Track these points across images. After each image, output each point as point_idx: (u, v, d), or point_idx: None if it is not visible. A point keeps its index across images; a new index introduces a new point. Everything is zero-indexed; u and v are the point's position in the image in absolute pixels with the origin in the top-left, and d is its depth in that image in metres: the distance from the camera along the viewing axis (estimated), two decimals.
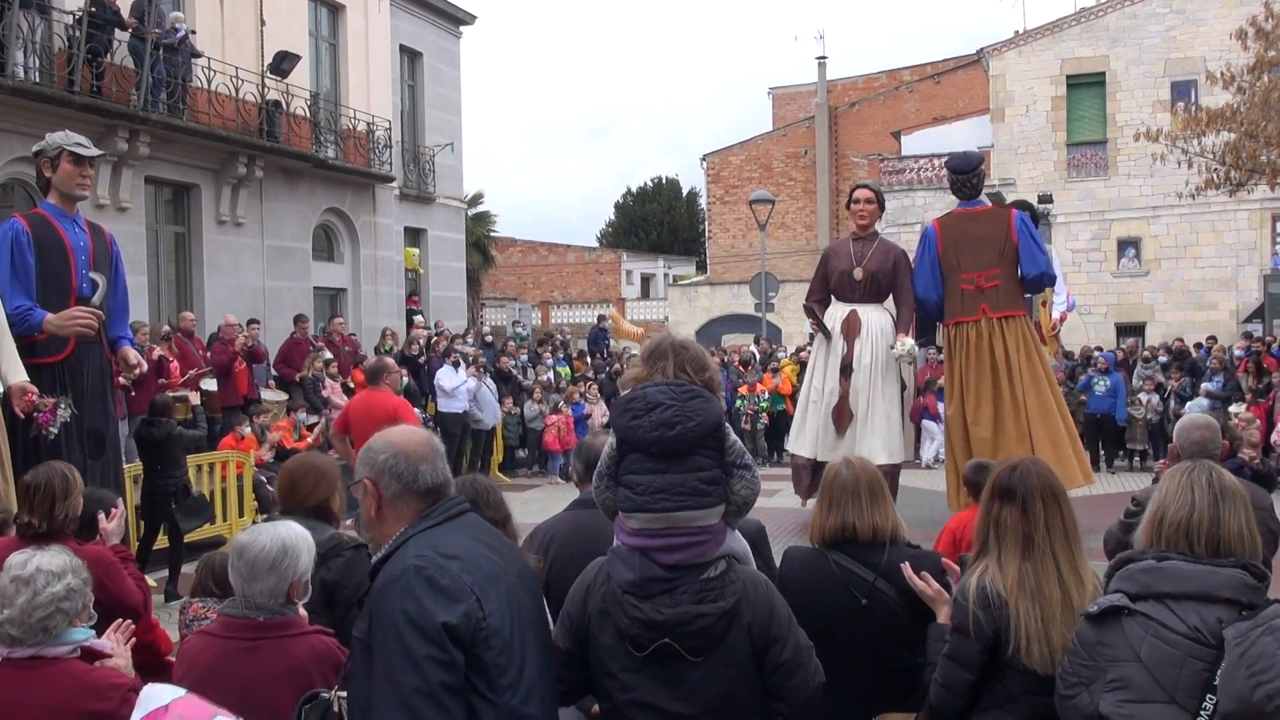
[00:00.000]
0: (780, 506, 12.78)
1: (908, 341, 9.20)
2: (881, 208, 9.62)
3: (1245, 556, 2.74)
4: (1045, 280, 9.77)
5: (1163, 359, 18.82)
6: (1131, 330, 27.32)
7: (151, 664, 4.29)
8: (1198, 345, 20.49)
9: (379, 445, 2.75)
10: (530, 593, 2.80)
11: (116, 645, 3.49)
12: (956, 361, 9.51)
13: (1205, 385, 17.14)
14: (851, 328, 9.30)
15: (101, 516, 4.60)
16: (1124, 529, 5.04)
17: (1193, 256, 27.66)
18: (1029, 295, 9.98)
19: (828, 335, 9.37)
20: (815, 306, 9.55)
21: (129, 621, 3.74)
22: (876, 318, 9.36)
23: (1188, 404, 16.17)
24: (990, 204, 9.93)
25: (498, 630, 2.54)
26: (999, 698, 3.15)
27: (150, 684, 3.00)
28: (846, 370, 9.22)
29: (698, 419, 3.14)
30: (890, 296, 9.78)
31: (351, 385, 14.79)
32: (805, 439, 9.77)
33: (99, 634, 3.40)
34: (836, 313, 9.49)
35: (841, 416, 9.26)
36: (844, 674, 3.42)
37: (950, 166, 9.90)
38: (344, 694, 2.77)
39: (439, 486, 2.74)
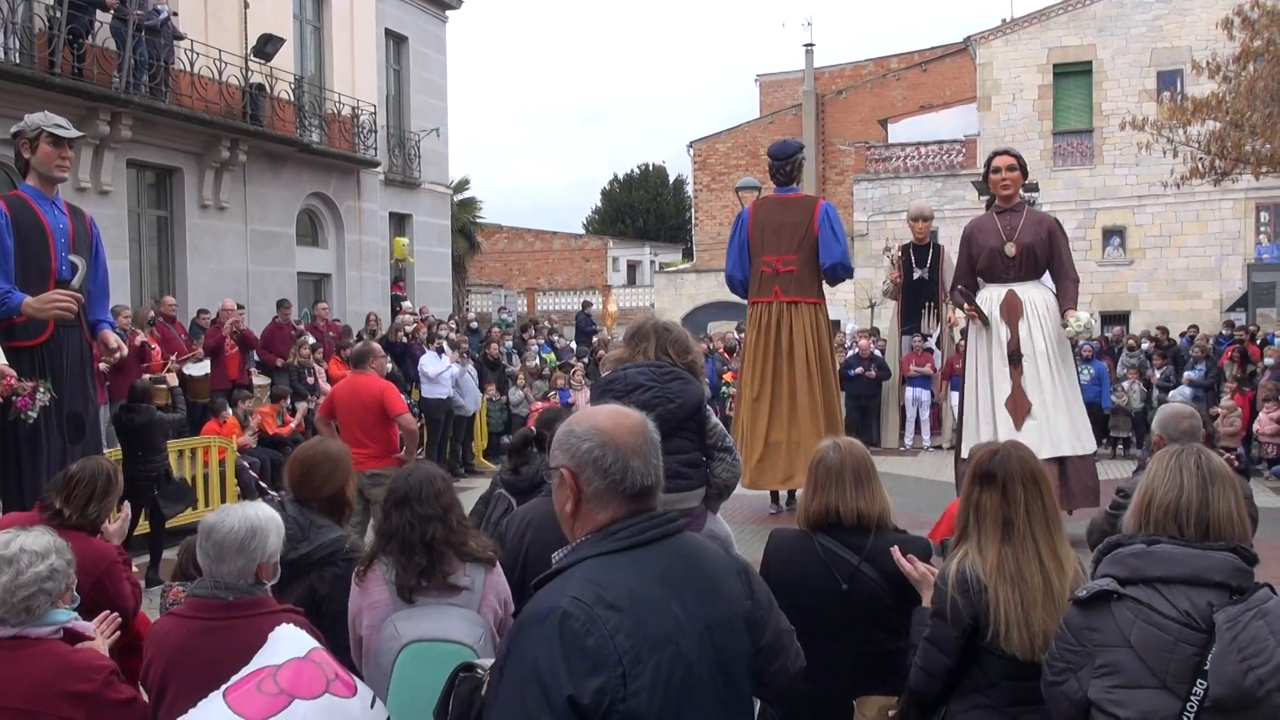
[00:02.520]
0: (763, 494, 12.78)
1: (1083, 316, 8.45)
2: (1024, 174, 8.84)
3: (1235, 539, 2.74)
4: (840, 271, 9.78)
5: (1146, 346, 18.90)
6: (1116, 319, 27.39)
7: (131, 647, 4.26)
8: (1181, 334, 20.59)
9: (583, 430, 2.29)
10: (717, 652, 2.27)
11: (98, 635, 3.47)
12: (749, 338, 10.03)
13: (1188, 374, 17.22)
14: (1012, 310, 8.42)
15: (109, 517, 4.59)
16: (1109, 520, 5.01)
17: (1177, 246, 27.76)
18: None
19: (987, 322, 8.48)
20: (965, 292, 8.69)
21: (116, 615, 3.72)
22: (1039, 295, 8.52)
23: (1171, 392, 16.24)
24: (803, 193, 10.27)
25: (638, 715, 2.08)
26: (979, 682, 3.15)
27: (285, 626, 2.97)
28: (1015, 357, 8.36)
29: (678, 401, 3.13)
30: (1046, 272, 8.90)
31: (330, 373, 14.77)
32: (983, 442, 8.59)
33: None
34: (991, 295, 8.57)
35: (1018, 408, 8.32)
36: (825, 657, 3.42)
37: (769, 152, 10.17)
38: None
39: (649, 490, 2.29)
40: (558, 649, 2.06)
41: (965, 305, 8.57)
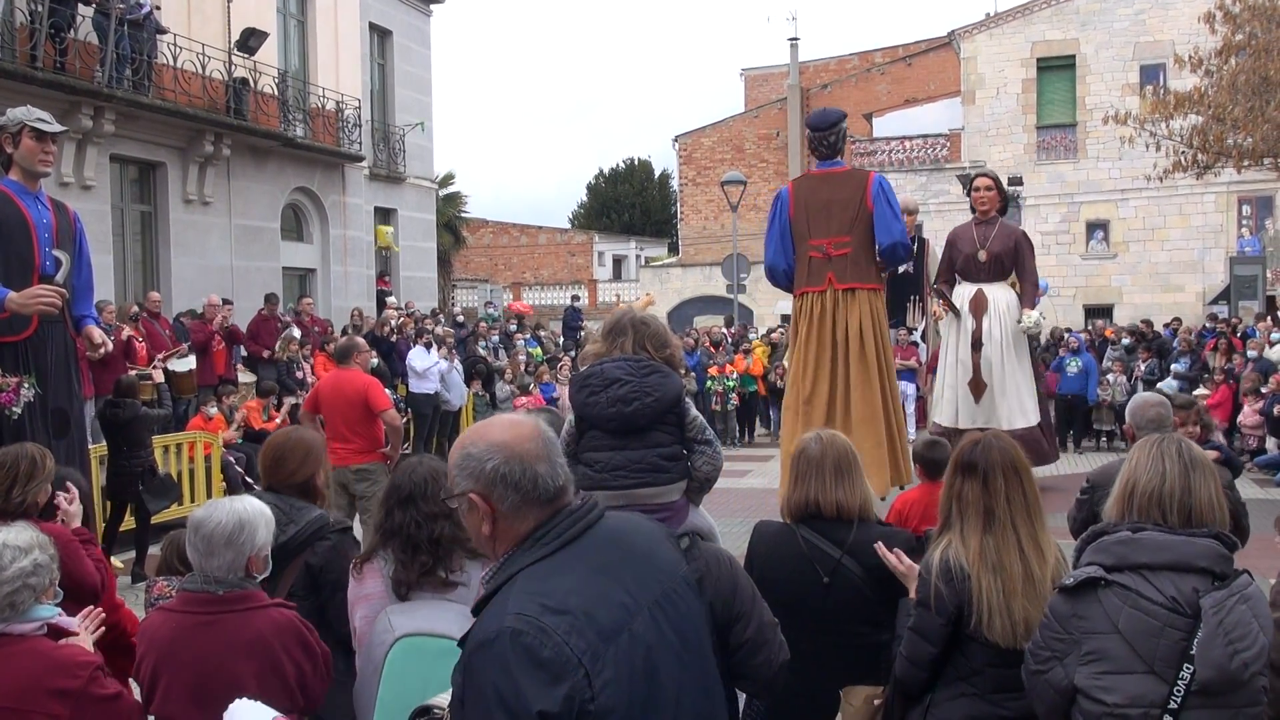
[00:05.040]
0: (750, 487, 12.86)
1: (1033, 315, 9.83)
2: (1001, 194, 10.39)
3: (1216, 525, 2.78)
4: (900, 251, 8.58)
5: (1126, 341, 18.99)
6: (1100, 312, 27.55)
7: (117, 644, 4.25)
8: (1165, 325, 20.71)
9: (481, 449, 2.22)
10: (670, 623, 2.26)
11: (83, 631, 3.45)
12: (800, 334, 8.85)
13: (1173, 366, 17.31)
14: (979, 306, 9.91)
15: (62, 499, 4.52)
16: (1078, 507, 5.13)
17: (1160, 239, 27.90)
18: (889, 270, 9.23)
19: (958, 314, 9.98)
20: (944, 288, 10.23)
21: (100, 610, 3.70)
22: (1002, 295, 9.96)
23: (1158, 385, 16.31)
24: (847, 166, 9.04)
25: (610, 709, 2.05)
26: (962, 670, 3.18)
27: (241, 702, 2.84)
28: (977, 345, 9.82)
29: (655, 395, 3.14)
30: (1014, 274, 10.37)
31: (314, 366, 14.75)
32: (945, 409, 10.30)
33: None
34: (964, 293, 10.08)
35: (977, 387, 9.90)
36: (809, 649, 3.44)
37: (808, 124, 9.29)
38: None
39: (562, 490, 2.24)
40: (515, 669, 2.01)
41: (941, 300, 9.91)
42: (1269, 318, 19.03)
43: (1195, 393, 13.31)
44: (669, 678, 2.18)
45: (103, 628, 3.61)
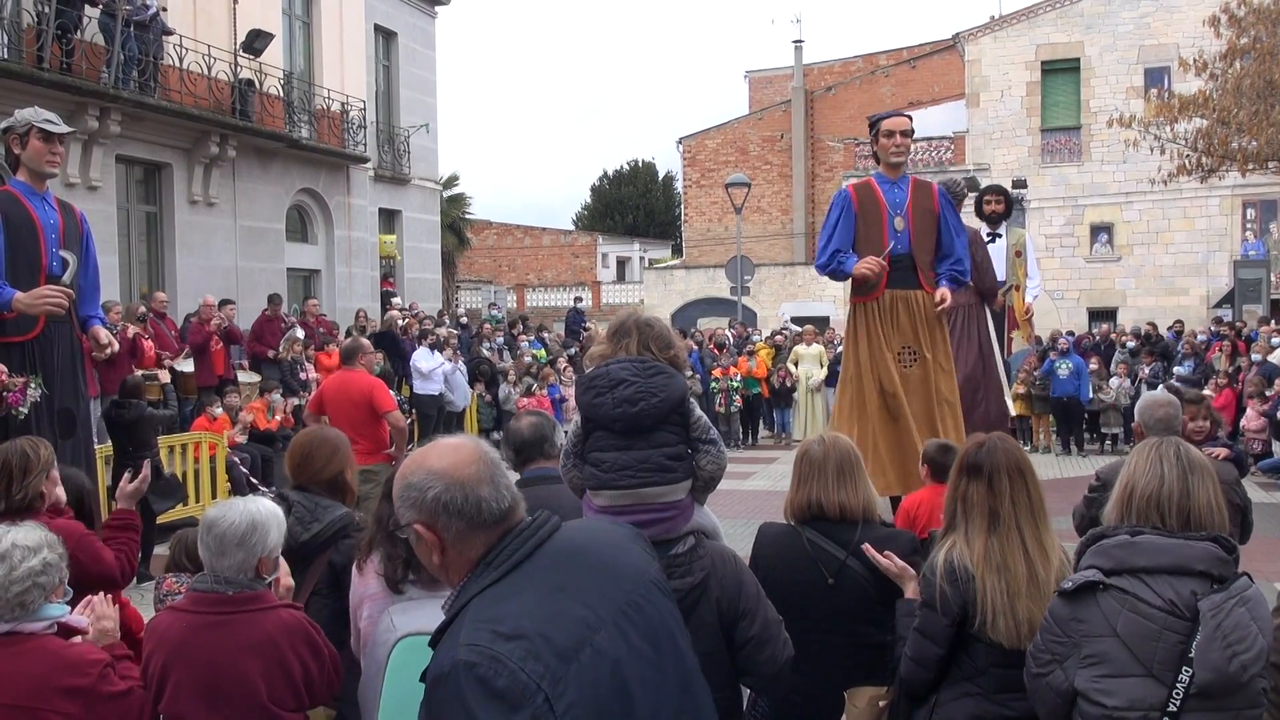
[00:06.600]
0: (754, 489, 12.88)
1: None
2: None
3: (1214, 529, 2.79)
4: (822, 273, 8.11)
5: (1130, 344, 18.99)
6: (1104, 315, 27.52)
7: (122, 640, 4.26)
8: (1168, 328, 20.71)
9: (420, 478, 2.15)
10: (639, 631, 2.15)
11: (103, 610, 3.45)
12: None
13: (1177, 369, 17.30)
14: None
15: (126, 476, 4.59)
16: (1087, 504, 5.11)
17: (1164, 242, 27.87)
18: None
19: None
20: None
21: (99, 596, 3.71)
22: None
23: (1160, 387, 16.31)
24: (867, 176, 8.49)
25: None
26: (967, 670, 3.19)
27: None
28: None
29: (660, 395, 3.16)
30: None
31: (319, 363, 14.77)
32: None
33: (73, 608, 3.37)
34: None
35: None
36: (813, 649, 3.46)
37: None
38: None
39: (509, 510, 2.16)
40: (471, 703, 1.92)
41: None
42: (1273, 321, 19.03)
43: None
44: (641, 688, 2.09)
45: (113, 615, 3.61)
